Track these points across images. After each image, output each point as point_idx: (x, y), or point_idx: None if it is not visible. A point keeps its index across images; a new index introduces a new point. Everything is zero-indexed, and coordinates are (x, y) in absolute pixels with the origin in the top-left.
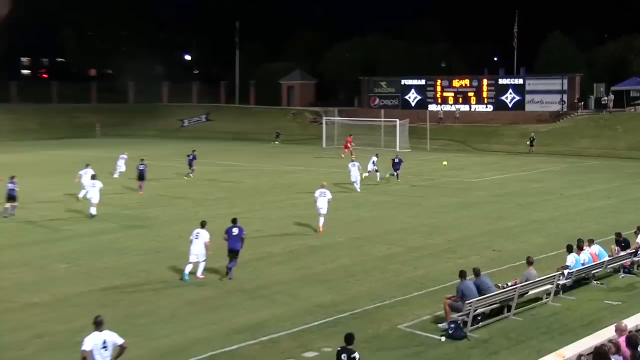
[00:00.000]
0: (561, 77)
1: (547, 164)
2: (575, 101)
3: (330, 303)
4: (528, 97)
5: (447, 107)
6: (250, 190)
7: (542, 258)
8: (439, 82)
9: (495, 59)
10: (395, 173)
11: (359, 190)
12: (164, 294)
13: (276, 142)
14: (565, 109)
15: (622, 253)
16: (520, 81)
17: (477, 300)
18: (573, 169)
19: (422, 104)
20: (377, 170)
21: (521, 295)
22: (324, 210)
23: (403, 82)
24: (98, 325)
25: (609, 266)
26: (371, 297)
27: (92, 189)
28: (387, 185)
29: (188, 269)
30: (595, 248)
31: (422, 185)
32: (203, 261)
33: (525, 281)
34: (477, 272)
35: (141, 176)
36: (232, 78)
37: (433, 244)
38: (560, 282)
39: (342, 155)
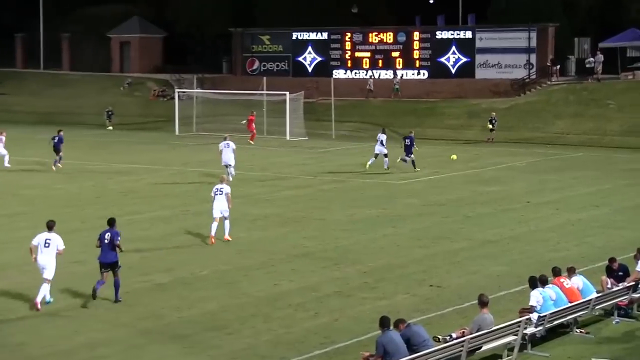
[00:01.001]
0: (527, 29)
1: (507, 157)
2: (548, 64)
3: None
4: (479, 58)
5: (382, 74)
6: (64, 200)
7: (502, 296)
8: (348, 36)
9: (431, 1)
10: (408, 158)
11: (231, 177)
12: None
13: (110, 127)
14: (533, 76)
15: (617, 287)
16: (468, 34)
17: (407, 359)
18: (545, 164)
19: (323, 69)
20: (386, 154)
21: (472, 352)
22: (225, 213)
23: (295, 36)
24: None
25: (597, 307)
26: (252, 358)
27: None
28: (298, 188)
29: (46, 289)
30: (578, 280)
31: (325, 190)
32: (48, 281)
33: (478, 331)
34: (401, 321)
35: None
36: (34, 29)
37: (341, 278)
38: (528, 332)
39: (251, 142)
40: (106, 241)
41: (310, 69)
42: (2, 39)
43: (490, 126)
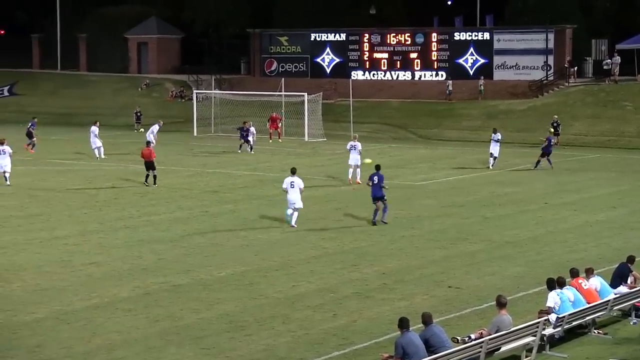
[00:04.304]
0: (545, 30)
1: (525, 158)
2: (566, 66)
3: None
4: (497, 59)
5: (400, 75)
6: (82, 201)
7: (520, 297)
8: (366, 37)
9: (449, 2)
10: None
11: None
12: None
13: (141, 129)
14: (551, 77)
15: (633, 288)
16: (486, 36)
17: None
18: (563, 165)
19: (341, 70)
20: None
21: (491, 353)
22: (356, 162)
23: (313, 36)
24: None
25: (615, 308)
26: None
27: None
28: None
29: (290, 212)
30: (596, 281)
31: (343, 191)
32: (296, 210)
33: (496, 332)
34: (426, 320)
35: None
36: (51, 30)
37: (360, 279)
38: (547, 333)
39: (276, 140)
40: (375, 182)
41: (328, 70)
42: (18, 39)
43: (552, 130)
